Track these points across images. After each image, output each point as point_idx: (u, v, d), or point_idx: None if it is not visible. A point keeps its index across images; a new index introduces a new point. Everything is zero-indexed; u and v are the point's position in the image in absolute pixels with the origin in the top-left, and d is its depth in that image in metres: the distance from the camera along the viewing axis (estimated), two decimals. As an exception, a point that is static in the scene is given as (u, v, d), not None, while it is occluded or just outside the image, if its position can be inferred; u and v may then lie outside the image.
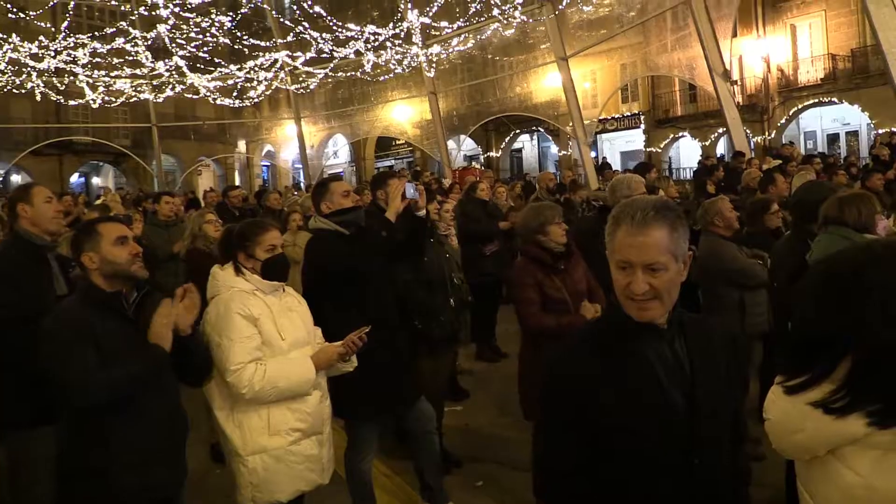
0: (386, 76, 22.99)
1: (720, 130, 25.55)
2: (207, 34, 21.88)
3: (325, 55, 21.80)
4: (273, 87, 24.80)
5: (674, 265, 1.69)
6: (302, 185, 29.12)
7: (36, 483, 3.32)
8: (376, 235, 3.84)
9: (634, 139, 30.90)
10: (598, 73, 24.93)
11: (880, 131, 21.02)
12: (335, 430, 3.53)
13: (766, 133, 26.15)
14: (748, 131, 23.23)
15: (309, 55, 22.03)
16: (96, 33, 22.60)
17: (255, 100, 25.45)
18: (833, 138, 27.93)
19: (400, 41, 21.14)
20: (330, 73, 23.44)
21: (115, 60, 22.34)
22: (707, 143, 27.55)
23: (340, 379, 3.39)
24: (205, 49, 22.45)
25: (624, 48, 22.22)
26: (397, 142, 34.89)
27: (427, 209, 4.13)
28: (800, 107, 26.08)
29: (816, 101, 25.62)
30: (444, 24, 20.17)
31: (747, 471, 1.92)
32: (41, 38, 20.75)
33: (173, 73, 23.36)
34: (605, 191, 5.56)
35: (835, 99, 25.13)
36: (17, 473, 3.47)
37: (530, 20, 20.33)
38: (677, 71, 18.62)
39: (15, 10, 20.66)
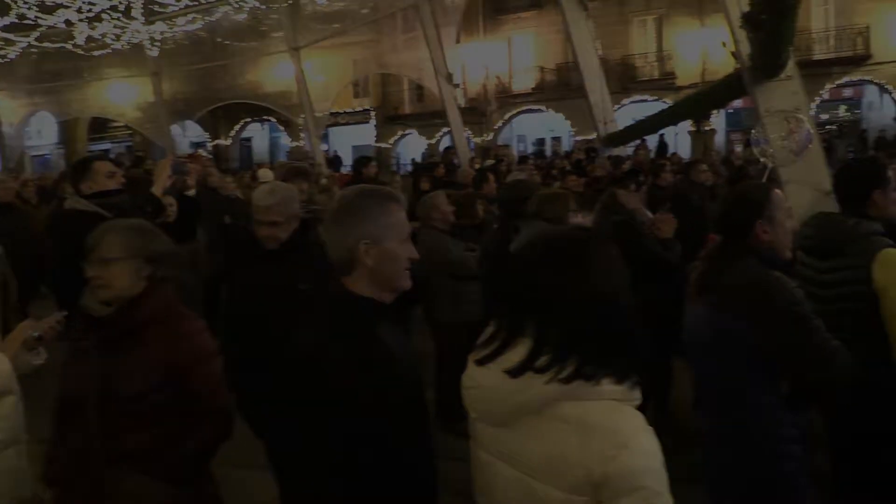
0: (102, 51, 21.06)
1: (445, 130, 27.10)
2: None
3: (28, 21, 19.38)
4: (-40, 53, 21.58)
5: None
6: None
7: None
8: (140, 212, 3.51)
9: (365, 134, 31.67)
10: (330, 67, 25.12)
11: (578, 138, 23.87)
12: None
13: (485, 135, 28.34)
14: (469, 132, 24.98)
15: (8, 20, 19.45)
16: None
17: (-64, 66, 21.97)
18: (541, 142, 31.08)
19: (119, 14, 19.49)
20: (34, 43, 20.91)
21: None
22: (433, 142, 29.11)
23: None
24: None
25: (357, 44, 22.63)
26: (115, 124, 32.18)
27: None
28: (514, 112, 28.65)
29: (528, 108, 28.34)
30: (169, 0, 18.98)
31: None
32: None
33: None
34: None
35: (542, 107, 27.98)
36: None
37: (264, 7, 19.90)
38: (406, 70, 19.40)
39: None
